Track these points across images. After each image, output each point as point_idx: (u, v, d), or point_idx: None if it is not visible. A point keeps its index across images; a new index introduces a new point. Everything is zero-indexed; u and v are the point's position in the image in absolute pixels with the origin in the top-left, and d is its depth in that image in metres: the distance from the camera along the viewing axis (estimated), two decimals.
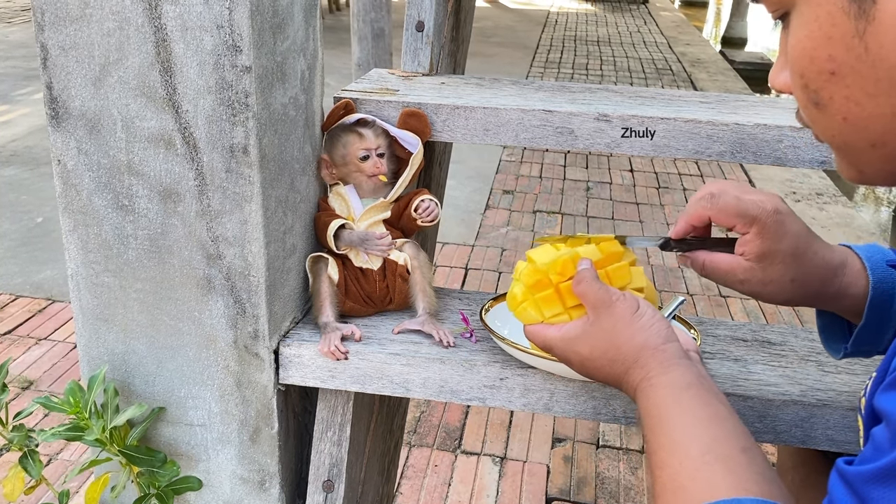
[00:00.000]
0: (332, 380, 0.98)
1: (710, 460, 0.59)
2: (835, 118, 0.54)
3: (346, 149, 1.02)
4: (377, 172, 1.02)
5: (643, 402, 0.69)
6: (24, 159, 4.49)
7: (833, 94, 0.53)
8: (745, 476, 0.58)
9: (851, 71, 0.51)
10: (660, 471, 0.62)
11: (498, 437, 2.29)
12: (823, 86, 0.54)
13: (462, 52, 1.41)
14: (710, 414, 0.64)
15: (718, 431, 0.62)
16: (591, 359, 0.76)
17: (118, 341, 0.99)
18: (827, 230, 3.93)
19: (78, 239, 0.95)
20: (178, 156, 0.89)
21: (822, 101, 0.54)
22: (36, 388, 2.44)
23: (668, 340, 0.72)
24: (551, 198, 4.25)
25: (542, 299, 0.83)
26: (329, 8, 10.04)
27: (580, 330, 0.78)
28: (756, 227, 0.78)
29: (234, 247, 0.92)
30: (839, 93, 0.53)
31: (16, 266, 3.26)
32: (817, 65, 0.53)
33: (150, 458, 0.99)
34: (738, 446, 0.60)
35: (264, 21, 0.86)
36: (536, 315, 0.83)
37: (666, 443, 0.63)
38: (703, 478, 0.58)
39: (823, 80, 0.53)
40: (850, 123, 0.54)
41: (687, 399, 0.66)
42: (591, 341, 0.76)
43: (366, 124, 1.04)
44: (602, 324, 0.75)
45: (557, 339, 0.80)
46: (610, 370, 0.75)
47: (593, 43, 9.21)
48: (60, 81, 0.89)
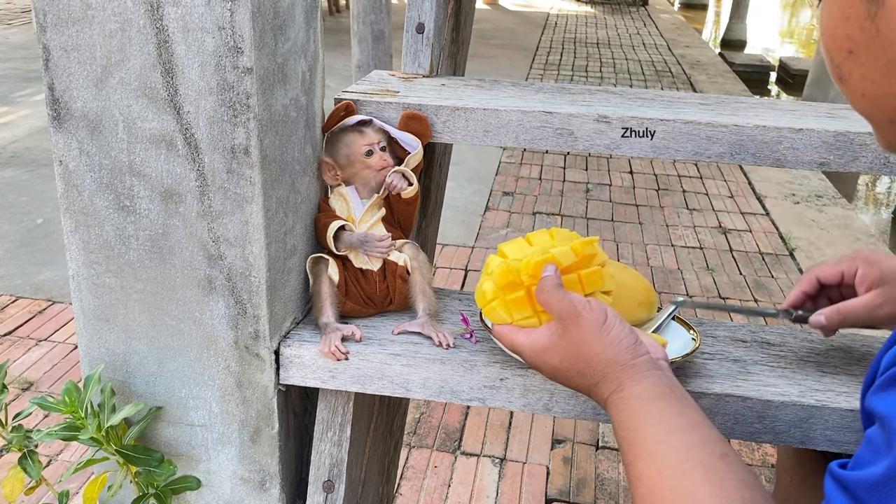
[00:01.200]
0: (333, 380, 0.99)
1: (689, 469, 0.59)
2: (855, 93, 0.56)
3: (350, 147, 1.03)
4: (385, 165, 1.03)
5: (615, 414, 0.69)
6: (25, 161, 4.49)
7: (852, 71, 0.55)
8: (726, 483, 0.58)
9: (866, 51, 0.53)
10: (638, 482, 0.62)
11: (498, 439, 2.29)
12: (843, 62, 0.56)
13: (462, 54, 1.42)
14: (684, 423, 0.64)
15: (694, 439, 0.62)
16: (562, 370, 0.76)
17: (119, 342, 1.00)
18: (826, 232, 3.93)
19: (79, 239, 0.96)
20: (179, 157, 0.89)
21: (843, 77, 0.57)
22: (36, 389, 2.44)
23: (636, 355, 0.72)
24: (551, 199, 4.25)
25: (512, 301, 0.81)
26: (329, 10, 10.05)
27: (548, 341, 0.77)
28: (857, 262, 0.87)
29: (235, 247, 0.92)
30: (857, 70, 0.55)
31: (16, 267, 3.26)
32: (837, 42, 0.55)
33: (147, 457, 0.99)
34: (715, 453, 0.60)
35: (265, 22, 0.86)
36: (506, 316, 0.82)
37: (642, 453, 0.63)
38: (683, 487, 0.58)
39: (843, 58, 0.55)
40: (868, 100, 0.56)
41: (659, 409, 0.66)
42: (559, 353, 0.76)
43: (365, 123, 1.05)
44: (570, 337, 0.75)
45: (527, 347, 0.79)
46: (580, 381, 0.74)
47: (593, 45, 9.21)
48: (62, 82, 0.89)
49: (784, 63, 9.55)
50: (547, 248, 0.83)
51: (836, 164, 1.03)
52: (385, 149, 1.04)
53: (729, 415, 0.92)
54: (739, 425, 0.92)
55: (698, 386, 0.93)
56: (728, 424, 0.92)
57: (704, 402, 0.92)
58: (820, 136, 1.02)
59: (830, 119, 1.08)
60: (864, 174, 5.54)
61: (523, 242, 0.86)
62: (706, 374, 0.96)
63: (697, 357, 0.99)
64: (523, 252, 0.84)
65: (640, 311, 1.03)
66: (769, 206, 4.28)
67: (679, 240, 3.81)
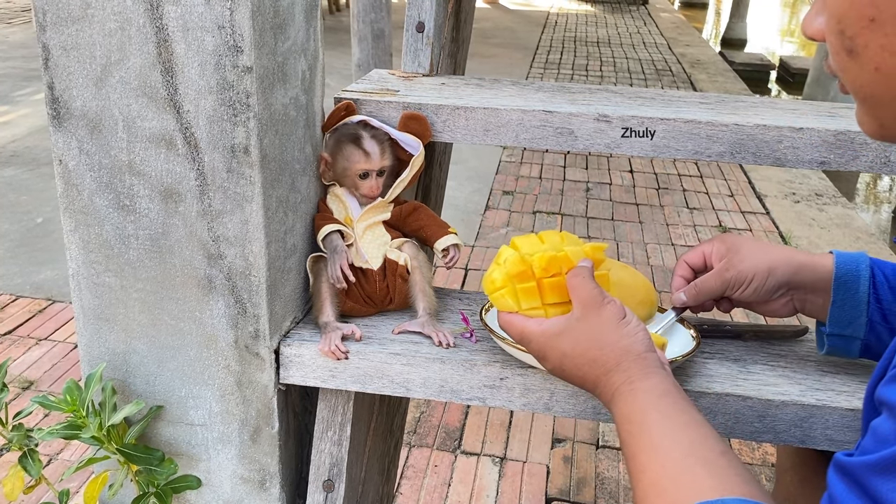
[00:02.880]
0: (333, 379, 0.99)
1: (692, 463, 0.60)
2: (867, 67, 0.53)
3: (349, 162, 1.02)
4: (371, 195, 1.03)
5: (622, 406, 0.70)
6: (25, 160, 4.49)
7: (869, 41, 0.52)
8: (727, 478, 0.59)
9: (892, 19, 0.50)
10: (641, 474, 0.63)
11: (498, 438, 2.29)
12: (860, 32, 0.52)
13: (462, 53, 1.42)
14: (688, 420, 0.65)
15: (696, 436, 0.63)
16: (572, 356, 0.77)
17: (119, 341, 1.00)
18: (826, 231, 3.93)
19: (79, 239, 0.96)
20: (179, 156, 0.89)
21: (856, 49, 0.53)
22: (36, 389, 2.44)
23: (649, 350, 0.74)
24: (551, 198, 4.25)
25: (522, 290, 0.83)
26: (329, 9, 10.04)
27: (564, 325, 0.78)
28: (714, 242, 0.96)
29: (235, 247, 0.92)
30: (876, 41, 0.51)
31: (16, 266, 3.26)
32: (857, 9, 0.51)
33: (148, 456, 0.99)
34: (716, 450, 0.62)
35: (265, 21, 0.86)
36: (513, 304, 0.83)
37: (647, 446, 0.64)
38: (685, 480, 0.59)
39: (861, 27, 0.52)
40: (881, 73, 0.52)
41: (665, 405, 0.67)
42: (574, 337, 0.77)
43: (371, 135, 1.03)
44: (589, 322, 0.77)
45: (538, 334, 0.80)
46: (588, 370, 0.75)
47: (593, 44, 9.21)
48: (62, 81, 0.89)
49: (784, 62, 9.55)
50: (559, 247, 0.85)
51: (837, 163, 1.03)
52: (383, 173, 1.04)
53: (729, 414, 0.92)
54: (740, 425, 0.92)
55: (698, 385, 0.93)
56: (728, 424, 0.92)
57: (705, 402, 0.92)
58: (820, 136, 1.01)
59: (831, 118, 1.08)
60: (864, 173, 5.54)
61: (535, 239, 0.88)
62: (706, 373, 0.96)
63: (698, 356, 0.99)
64: (535, 248, 0.86)
65: (641, 309, 1.03)
66: (769, 205, 4.28)
67: (679, 239, 3.81)
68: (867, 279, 0.89)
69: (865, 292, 0.89)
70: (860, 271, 0.89)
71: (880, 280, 0.89)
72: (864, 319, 0.89)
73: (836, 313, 0.90)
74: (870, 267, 0.90)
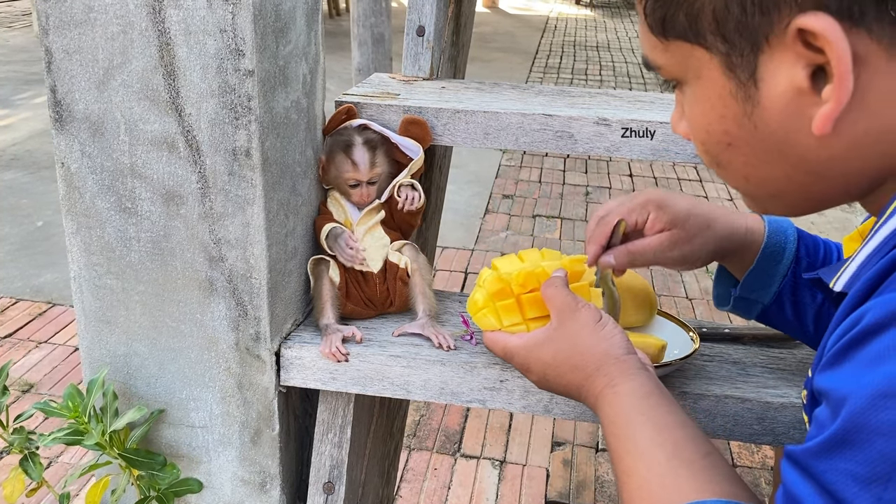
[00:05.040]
0: (333, 381, 0.99)
1: (676, 465, 0.61)
2: (736, 176, 0.60)
3: (339, 170, 1.03)
4: (361, 203, 1.04)
5: (606, 409, 0.71)
6: (25, 163, 4.50)
7: (732, 159, 0.59)
8: (710, 479, 0.59)
9: (745, 143, 0.56)
10: (627, 477, 0.63)
11: (497, 441, 2.29)
12: (722, 153, 0.59)
13: (462, 57, 1.42)
14: (672, 421, 0.66)
15: (681, 437, 0.64)
16: (554, 365, 0.77)
17: (120, 343, 1.00)
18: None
19: (81, 241, 0.96)
20: (180, 159, 0.90)
21: (722, 164, 0.60)
22: (36, 392, 2.44)
23: (628, 352, 0.74)
24: (550, 202, 4.25)
25: (502, 307, 0.85)
26: (329, 13, 10.06)
27: (543, 336, 0.79)
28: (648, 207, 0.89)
29: (236, 249, 0.93)
30: (737, 159, 0.58)
31: (16, 270, 3.26)
32: (715, 137, 0.58)
33: (150, 460, 0.99)
34: (700, 451, 0.62)
35: (267, 25, 0.87)
36: (495, 322, 0.85)
37: (632, 449, 0.64)
38: (670, 483, 0.60)
39: (721, 150, 0.59)
40: (751, 181, 0.60)
41: (648, 407, 0.68)
42: (554, 346, 0.77)
43: (364, 141, 1.03)
44: (566, 329, 0.77)
45: (520, 347, 0.81)
46: (572, 377, 0.76)
47: (592, 48, 9.22)
48: (64, 85, 0.89)
49: None
50: (538, 264, 0.87)
51: None
52: (374, 183, 1.04)
53: (728, 416, 0.92)
54: (739, 427, 0.92)
55: (698, 387, 0.93)
56: (728, 426, 0.92)
57: (704, 404, 0.92)
58: None
59: None
60: None
61: (515, 258, 0.90)
62: (705, 375, 0.96)
63: (697, 359, 1.00)
64: (514, 266, 0.88)
65: (640, 312, 1.03)
66: None
67: None
68: (791, 254, 0.89)
69: (786, 267, 0.89)
70: (787, 245, 0.90)
71: (802, 255, 0.90)
72: (775, 290, 0.90)
73: (751, 280, 0.91)
74: (796, 240, 0.90)
